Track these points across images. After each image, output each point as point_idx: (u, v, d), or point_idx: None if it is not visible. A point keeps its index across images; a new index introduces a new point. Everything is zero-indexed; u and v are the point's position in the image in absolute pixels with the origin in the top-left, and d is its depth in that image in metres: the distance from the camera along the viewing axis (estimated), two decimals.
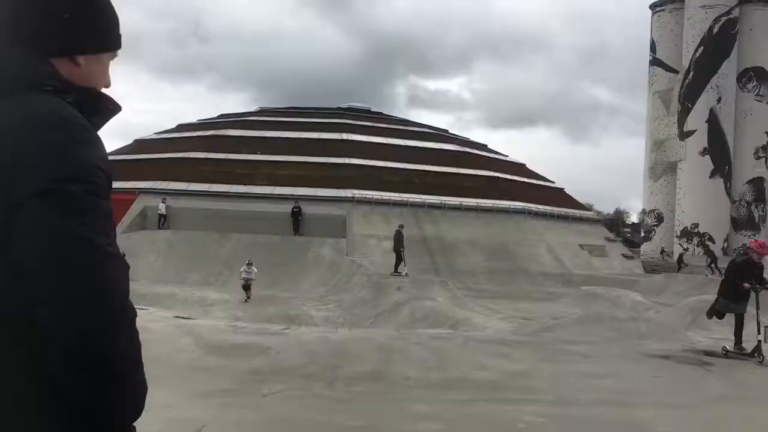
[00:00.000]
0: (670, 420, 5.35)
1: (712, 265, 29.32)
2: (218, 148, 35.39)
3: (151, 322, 8.31)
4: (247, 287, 20.07)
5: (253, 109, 47.56)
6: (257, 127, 38.66)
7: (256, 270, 21.23)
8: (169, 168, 33.68)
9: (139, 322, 1.27)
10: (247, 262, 21.17)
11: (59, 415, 1.18)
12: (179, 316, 10.16)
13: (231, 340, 7.90)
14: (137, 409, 1.26)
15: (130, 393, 1.23)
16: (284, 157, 34.57)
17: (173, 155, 34.98)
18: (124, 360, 1.19)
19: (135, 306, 1.27)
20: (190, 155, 34.74)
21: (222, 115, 44.20)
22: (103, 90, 1.41)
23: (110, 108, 1.41)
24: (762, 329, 8.71)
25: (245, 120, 40.93)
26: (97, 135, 1.29)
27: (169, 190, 31.64)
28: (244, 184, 32.42)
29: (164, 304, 18.08)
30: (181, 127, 41.84)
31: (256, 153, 35.00)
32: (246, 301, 19.47)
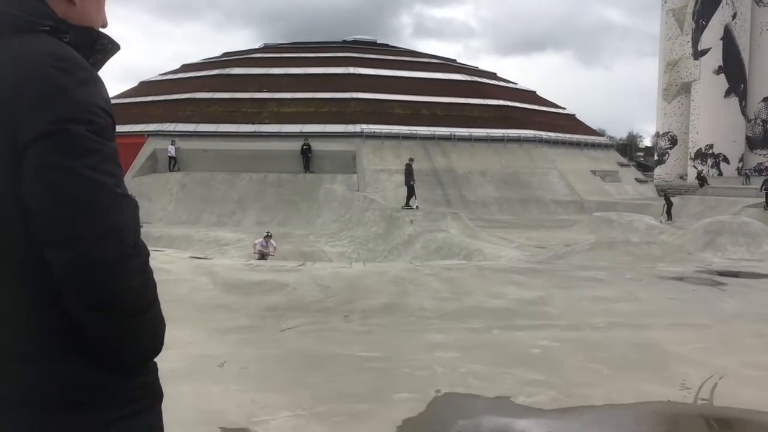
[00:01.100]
0: (683, 339, 5.41)
1: (667, 210, 28.40)
2: (224, 88, 35.07)
3: (168, 263, 8.43)
4: (262, 259, 15.88)
5: (256, 46, 46.82)
6: (262, 64, 38.14)
7: (275, 244, 17.26)
8: (176, 109, 33.51)
9: (157, 264, 1.27)
10: (264, 234, 17.60)
11: (78, 354, 1.20)
12: (196, 257, 10.28)
13: (248, 278, 8.00)
14: (156, 346, 1.27)
15: (147, 330, 1.24)
16: (290, 94, 34.24)
17: (179, 96, 34.73)
18: (139, 298, 1.20)
19: (152, 248, 1.27)
20: (196, 96, 34.47)
21: (226, 54, 43.60)
22: (101, 30, 1.38)
23: (108, 47, 1.37)
24: None
25: (249, 58, 40.36)
26: (98, 75, 1.27)
27: (177, 131, 31.56)
28: (252, 123, 32.26)
29: (180, 246, 18.30)
30: (185, 68, 41.40)
31: (262, 91, 34.65)
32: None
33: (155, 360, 1.31)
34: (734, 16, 50.38)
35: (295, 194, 28.82)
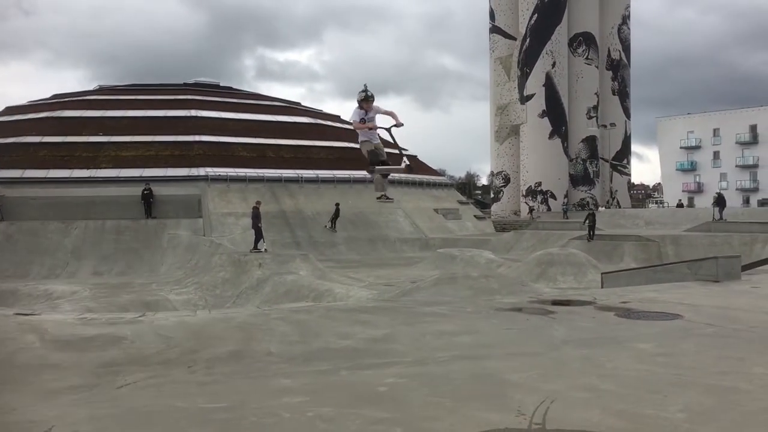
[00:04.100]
0: (518, 367, 5.73)
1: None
2: (55, 131, 33.01)
3: None
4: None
5: (91, 87, 44.59)
6: (97, 106, 36.40)
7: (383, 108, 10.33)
8: None
9: None
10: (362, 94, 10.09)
11: None
12: (21, 313, 9.45)
13: (81, 333, 7.47)
14: None
15: None
16: (129, 138, 32.92)
17: (3, 141, 32.26)
18: None
19: None
20: (21, 140, 32.16)
21: (56, 95, 41.12)
22: None
23: None
24: None
25: (83, 100, 38.38)
26: None
27: (1, 178, 29.18)
28: (87, 168, 30.57)
29: (5, 302, 16.79)
30: (9, 110, 38.57)
31: (97, 134, 32.99)
32: None
33: None
34: (554, 65, 55.21)
35: (137, 241, 27.49)
